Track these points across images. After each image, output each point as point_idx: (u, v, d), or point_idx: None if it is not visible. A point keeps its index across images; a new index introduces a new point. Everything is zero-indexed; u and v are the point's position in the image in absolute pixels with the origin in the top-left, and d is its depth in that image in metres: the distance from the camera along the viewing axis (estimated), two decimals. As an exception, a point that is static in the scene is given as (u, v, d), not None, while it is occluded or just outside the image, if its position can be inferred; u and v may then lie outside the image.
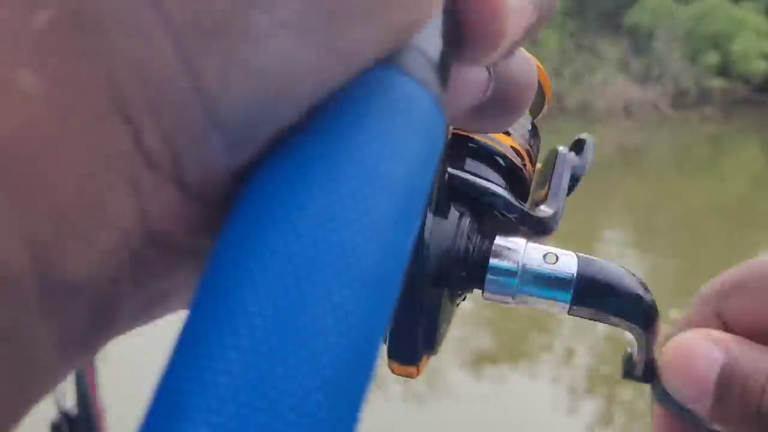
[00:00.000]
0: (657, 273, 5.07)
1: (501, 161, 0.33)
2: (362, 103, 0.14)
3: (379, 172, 0.13)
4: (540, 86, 0.31)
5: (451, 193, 0.30)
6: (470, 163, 0.31)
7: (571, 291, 0.29)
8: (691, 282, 4.71)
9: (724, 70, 14.54)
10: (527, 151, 0.35)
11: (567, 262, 0.29)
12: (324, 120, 0.14)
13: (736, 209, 7.19)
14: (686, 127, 13.03)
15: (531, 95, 0.23)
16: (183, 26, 0.12)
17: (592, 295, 0.29)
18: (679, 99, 14.18)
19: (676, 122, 13.13)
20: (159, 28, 0.12)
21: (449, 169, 0.29)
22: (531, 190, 0.35)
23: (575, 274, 0.29)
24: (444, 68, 0.17)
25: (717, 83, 14.37)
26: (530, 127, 0.36)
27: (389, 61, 0.15)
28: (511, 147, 0.33)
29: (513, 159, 0.33)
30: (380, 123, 0.14)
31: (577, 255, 0.30)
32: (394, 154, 0.14)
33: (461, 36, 0.17)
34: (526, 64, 0.22)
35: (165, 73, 0.12)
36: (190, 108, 0.12)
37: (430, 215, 0.26)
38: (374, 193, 0.13)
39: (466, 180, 0.30)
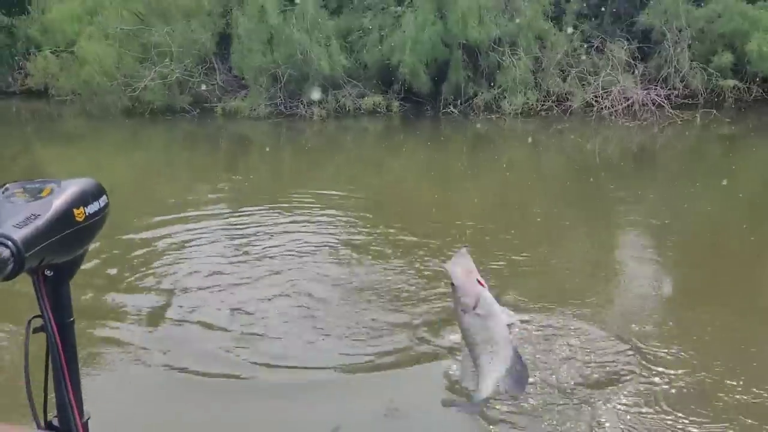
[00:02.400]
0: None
1: None
2: None
3: None
4: None
5: None
6: None
7: None
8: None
9: (737, 71, 14.19)
10: None
11: None
12: None
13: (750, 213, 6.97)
14: (693, 129, 12.73)
15: None
16: None
17: None
18: (688, 100, 13.92)
19: (684, 123, 12.84)
20: None
21: None
22: None
23: None
24: None
25: (730, 83, 14.04)
26: None
27: None
28: None
29: None
30: None
31: None
32: None
33: None
34: None
35: None
36: None
37: None
38: None
39: None
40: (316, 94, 14.22)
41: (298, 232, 6.22)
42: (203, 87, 14.98)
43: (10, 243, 0.76)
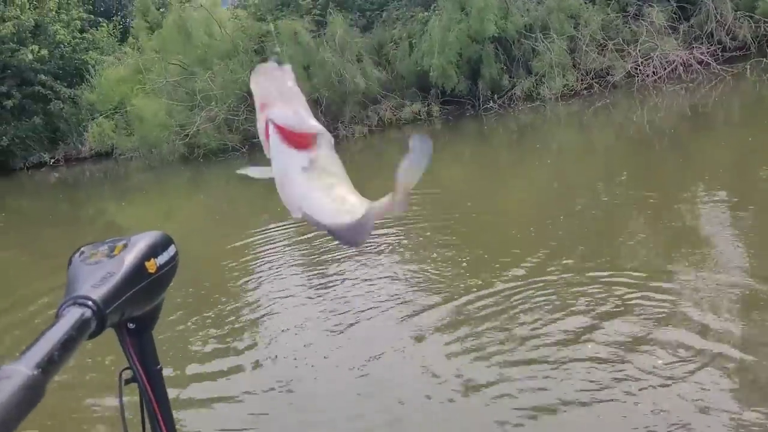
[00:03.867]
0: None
1: None
2: None
3: None
4: None
5: None
6: None
7: None
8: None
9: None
10: None
11: None
12: None
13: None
14: (744, 81, 12.11)
15: None
16: None
17: None
18: (737, 52, 13.25)
19: (734, 77, 12.25)
20: None
21: None
22: None
23: None
24: None
25: (781, 27, 13.28)
26: None
27: None
28: None
29: None
30: None
31: None
32: None
33: None
34: None
35: None
36: None
37: None
38: None
39: None
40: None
41: (370, 253, 6.06)
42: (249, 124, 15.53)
43: (90, 303, 0.79)
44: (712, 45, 13.40)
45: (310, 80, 14.92)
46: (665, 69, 13.13)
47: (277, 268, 6.23)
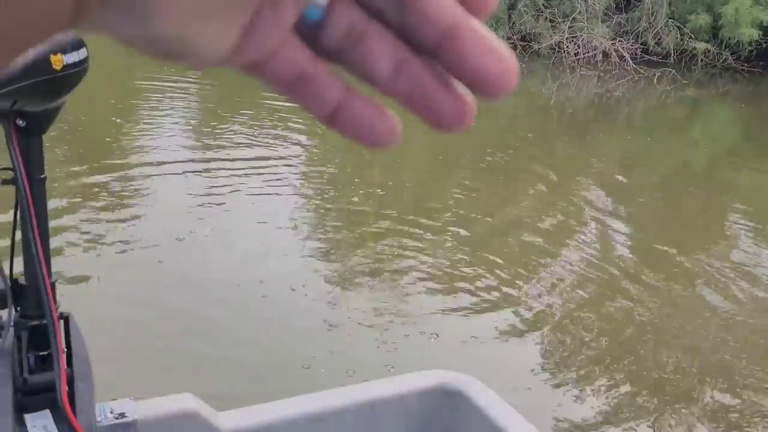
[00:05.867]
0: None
1: None
2: None
3: None
4: None
5: None
6: None
7: None
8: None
9: (713, 35, 13.92)
10: None
11: None
12: None
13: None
14: (648, 85, 12.60)
15: None
16: None
17: None
18: (654, 57, 13.70)
19: (642, 79, 12.72)
20: None
21: None
22: None
23: None
24: None
25: (702, 46, 13.79)
26: None
27: None
28: None
29: None
30: None
31: None
32: None
33: None
34: None
35: None
36: None
37: None
38: None
39: None
40: None
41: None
42: None
43: None
44: (636, 43, 13.75)
45: None
46: (586, 52, 13.40)
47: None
